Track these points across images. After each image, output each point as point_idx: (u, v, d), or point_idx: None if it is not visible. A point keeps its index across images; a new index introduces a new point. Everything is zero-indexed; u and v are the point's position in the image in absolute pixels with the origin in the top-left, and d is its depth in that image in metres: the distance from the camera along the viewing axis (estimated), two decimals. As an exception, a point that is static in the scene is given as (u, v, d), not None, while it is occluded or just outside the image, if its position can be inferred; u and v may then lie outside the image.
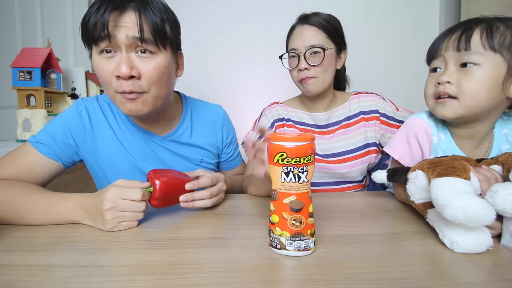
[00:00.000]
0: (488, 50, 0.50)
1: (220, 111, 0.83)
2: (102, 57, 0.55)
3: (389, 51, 1.60)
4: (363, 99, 0.89)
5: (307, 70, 0.78)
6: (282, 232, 0.40)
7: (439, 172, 0.44)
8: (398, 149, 0.63)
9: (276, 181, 0.41)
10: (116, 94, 0.57)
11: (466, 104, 0.52)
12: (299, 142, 0.40)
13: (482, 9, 1.32)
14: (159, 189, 0.52)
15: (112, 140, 0.67)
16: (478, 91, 0.51)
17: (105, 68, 0.55)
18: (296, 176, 0.40)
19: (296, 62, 0.79)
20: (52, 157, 0.62)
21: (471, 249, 0.40)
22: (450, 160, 0.46)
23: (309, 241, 0.40)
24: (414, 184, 0.50)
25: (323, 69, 0.79)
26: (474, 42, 0.50)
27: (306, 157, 0.40)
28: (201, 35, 1.61)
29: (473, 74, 0.51)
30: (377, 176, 0.61)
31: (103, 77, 0.56)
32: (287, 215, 0.40)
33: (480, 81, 0.50)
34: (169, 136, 0.71)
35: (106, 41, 0.53)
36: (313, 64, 0.77)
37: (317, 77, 0.79)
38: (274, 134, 0.41)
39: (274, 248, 0.42)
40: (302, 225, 0.40)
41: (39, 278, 0.36)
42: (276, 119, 0.91)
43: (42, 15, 1.68)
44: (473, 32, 0.51)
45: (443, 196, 0.40)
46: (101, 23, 0.52)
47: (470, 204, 0.38)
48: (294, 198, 0.40)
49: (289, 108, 0.92)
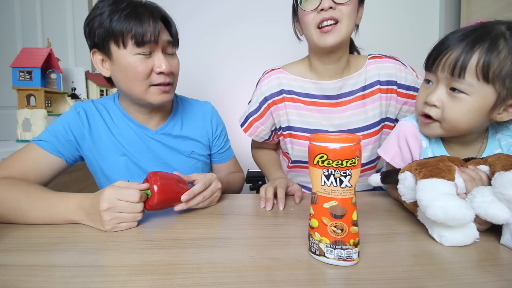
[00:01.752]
0: (481, 81, 0.49)
1: (209, 105, 0.87)
2: (139, 57, 0.62)
3: (389, 51, 1.60)
4: (382, 65, 0.76)
5: (331, 10, 0.64)
6: (322, 238, 0.38)
7: (425, 174, 0.46)
8: (390, 151, 0.65)
9: (316, 184, 0.39)
10: (150, 87, 0.65)
11: (446, 128, 0.55)
12: (342, 143, 0.36)
13: (482, 9, 1.32)
14: (157, 198, 0.52)
15: (108, 137, 0.72)
16: (460, 120, 0.52)
17: (144, 66, 0.63)
18: (338, 180, 0.37)
19: (316, 3, 0.65)
20: (55, 153, 0.65)
21: (458, 241, 0.42)
22: (435, 162, 0.48)
23: (351, 251, 0.37)
24: (403, 185, 0.51)
25: (349, 12, 0.65)
26: (469, 71, 0.49)
27: (350, 160, 0.36)
28: (201, 35, 1.61)
29: (458, 102, 0.51)
30: (373, 179, 0.63)
31: (143, 73, 0.63)
32: (327, 221, 0.38)
33: (464, 112, 0.51)
34: (161, 129, 0.76)
35: (152, 44, 0.62)
36: (340, 2, 0.64)
37: (341, 22, 0.65)
38: (316, 134, 0.38)
39: (313, 254, 0.40)
40: (344, 233, 0.37)
41: (39, 278, 0.36)
42: (269, 95, 0.78)
43: (42, 15, 1.68)
44: (472, 56, 0.48)
45: (426, 197, 0.43)
46: (153, 31, 0.61)
47: (449, 205, 0.40)
48: (335, 204, 0.37)
49: (290, 76, 0.78)
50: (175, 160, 0.77)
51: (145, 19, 0.61)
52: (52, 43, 1.27)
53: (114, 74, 0.66)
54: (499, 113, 0.52)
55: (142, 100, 0.67)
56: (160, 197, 0.52)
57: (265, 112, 0.80)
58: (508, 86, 0.48)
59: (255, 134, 0.84)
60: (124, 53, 0.62)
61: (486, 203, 0.41)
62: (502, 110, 0.51)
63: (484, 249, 0.42)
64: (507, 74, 0.47)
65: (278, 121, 0.80)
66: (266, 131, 0.83)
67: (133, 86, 0.65)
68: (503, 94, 0.49)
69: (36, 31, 1.68)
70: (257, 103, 0.80)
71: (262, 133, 0.84)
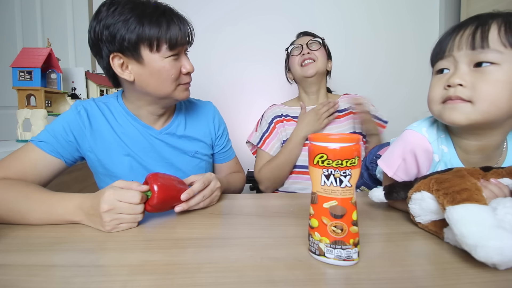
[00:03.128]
0: (508, 47, 0.43)
1: (211, 105, 0.89)
2: (170, 59, 0.65)
3: (389, 51, 1.60)
4: (350, 97, 1.05)
5: (308, 54, 0.97)
6: (322, 238, 0.38)
7: (454, 198, 0.39)
8: (393, 165, 0.57)
9: (316, 184, 0.39)
10: (179, 86, 0.69)
11: (482, 109, 0.44)
12: (342, 143, 0.36)
13: (482, 9, 1.32)
14: (157, 197, 0.52)
15: (111, 135, 0.71)
16: (498, 95, 0.43)
17: (176, 68, 0.66)
18: (338, 180, 0.37)
19: (299, 51, 0.99)
20: (54, 154, 0.64)
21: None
22: (459, 179, 0.42)
23: (351, 251, 0.37)
24: (419, 206, 0.46)
25: (321, 54, 0.98)
26: (492, 39, 0.43)
27: (349, 160, 0.36)
28: (202, 35, 1.61)
29: (491, 75, 0.44)
30: (375, 195, 0.56)
31: (175, 75, 0.66)
32: (327, 221, 0.38)
33: (500, 83, 0.43)
34: (165, 129, 0.76)
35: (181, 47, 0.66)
36: (313, 49, 0.97)
37: (315, 61, 0.96)
38: (316, 134, 0.39)
39: (313, 254, 0.40)
40: (344, 233, 0.37)
41: (39, 278, 0.36)
42: (275, 116, 1.04)
43: (42, 15, 1.68)
44: (490, 27, 0.44)
45: (472, 235, 0.35)
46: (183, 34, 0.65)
47: (507, 245, 0.33)
48: (335, 203, 0.37)
49: (286, 107, 1.06)
50: (179, 160, 0.77)
51: (175, 22, 0.64)
52: (52, 43, 1.26)
53: (142, 77, 0.64)
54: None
55: (168, 98, 0.69)
56: (160, 196, 0.52)
57: (273, 129, 1.03)
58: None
59: (268, 148, 1.02)
60: (156, 56, 0.63)
61: (510, 215, 0.37)
62: None
63: None
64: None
65: (282, 135, 1.02)
66: (277, 144, 1.02)
67: (163, 88, 0.66)
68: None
69: (36, 31, 1.68)
70: (267, 124, 1.04)
71: (275, 147, 1.02)
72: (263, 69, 1.61)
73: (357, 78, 1.62)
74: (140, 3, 0.62)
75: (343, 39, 1.59)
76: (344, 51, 1.60)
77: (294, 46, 1.01)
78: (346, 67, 1.61)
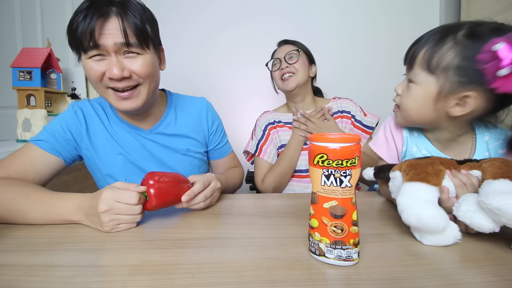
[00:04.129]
0: (424, 70, 0.53)
1: (204, 101, 0.86)
2: (93, 60, 0.59)
3: (390, 51, 1.60)
4: (341, 101, 1.05)
5: (287, 68, 0.97)
6: (322, 238, 0.38)
7: (411, 177, 0.46)
8: (378, 143, 0.69)
9: (316, 184, 0.39)
10: (107, 90, 0.62)
11: (403, 115, 0.59)
12: (342, 143, 0.36)
13: (482, 9, 1.32)
14: (154, 200, 0.51)
15: (105, 136, 0.72)
16: (409, 107, 0.57)
17: (96, 69, 0.59)
18: (338, 180, 0.37)
19: (278, 66, 1.00)
20: (53, 152, 0.65)
21: (438, 241, 0.43)
22: (425, 164, 0.48)
23: (351, 251, 0.37)
24: (393, 183, 0.52)
25: (300, 66, 0.97)
26: (417, 62, 0.54)
27: (350, 160, 0.36)
28: (201, 36, 1.61)
29: (410, 91, 0.56)
30: (366, 173, 0.64)
31: (93, 77, 0.61)
32: (327, 221, 0.38)
33: (412, 100, 0.56)
34: (154, 129, 0.75)
35: (94, 50, 0.58)
36: (291, 62, 0.97)
37: (295, 74, 0.96)
38: (316, 134, 0.39)
39: (313, 254, 0.40)
40: (344, 233, 0.37)
41: (39, 278, 0.36)
42: (268, 123, 1.05)
43: (42, 15, 1.68)
44: (421, 50, 0.53)
45: (403, 202, 0.44)
46: (88, 33, 0.56)
47: (423, 213, 0.41)
48: (335, 203, 0.37)
49: (278, 113, 1.08)
50: (171, 159, 0.77)
51: (88, 18, 0.56)
52: (52, 43, 1.27)
53: None
54: (451, 107, 0.52)
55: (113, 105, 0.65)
56: (158, 201, 0.52)
57: (268, 136, 1.03)
58: (451, 79, 0.50)
59: (266, 155, 1.01)
60: (82, 56, 0.61)
61: (471, 212, 0.41)
62: (455, 104, 0.52)
63: (484, 249, 0.42)
64: (448, 66, 0.50)
65: (277, 141, 1.03)
66: (273, 151, 1.02)
67: (95, 88, 0.64)
68: (445, 87, 0.51)
69: (36, 31, 1.68)
70: (261, 131, 1.04)
71: (272, 153, 1.02)
72: (263, 70, 1.61)
73: (357, 78, 1.62)
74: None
75: (343, 39, 1.59)
76: (344, 51, 1.60)
77: (273, 61, 1.02)
78: (346, 67, 1.61)
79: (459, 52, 0.49)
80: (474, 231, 0.44)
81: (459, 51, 0.49)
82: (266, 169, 0.99)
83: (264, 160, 1.00)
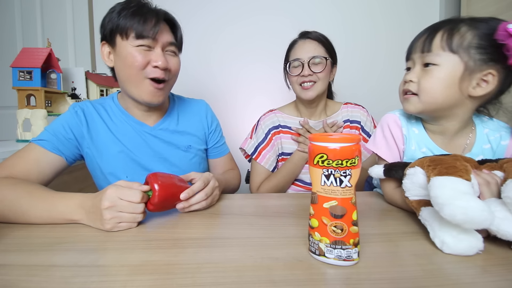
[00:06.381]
0: (446, 51, 0.54)
1: (203, 102, 0.91)
2: (140, 49, 0.67)
3: (389, 51, 1.60)
4: (352, 109, 0.99)
5: (310, 76, 0.88)
6: (322, 238, 0.38)
7: (440, 171, 0.43)
8: (377, 143, 0.67)
9: (316, 184, 0.39)
10: (145, 80, 0.69)
11: (423, 100, 0.57)
12: (342, 143, 0.36)
13: (482, 9, 1.32)
14: (158, 195, 0.52)
15: (106, 134, 0.74)
16: (433, 88, 0.55)
17: (143, 57, 0.67)
18: (338, 180, 0.37)
19: (299, 70, 0.89)
20: (56, 151, 0.66)
21: (461, 251, 0.40)
22: (452, 160, 0.45)
23: (351, 251, 0.37)
24: (411, 180, 0.50)
25: (323, 76, 0.88)
26: (435, 44, 0.55)
27: (350, 159, 0.36)
28: (202, 35, 1.61)
29: (431, 73, 0.55)
30: (374, 170, 0.62)
31: (139, 63, 0.67)
32: (327, 221, 0.38)
33: (436, 79, 0.55)
34: (158, 125, 0.79)
35: (149, 40, 0.67)
36: (316, 71, 0.87)
37: (317, 83, 0.88)
38: (316, 134, 0.39)
39: (313, 254, 0.40)
40: (344, 233, 0.37)
41: (39, 278, 0.36)
42: (272, 127, 0.98)
43: (42, 15, 1.68)
44: (436, 35, 0.55)
45: (444, 195, 0.40)
46: (153, 25, 0.66)
47: (471, 206, 0.37)
48: (335, 203, 0.37)
49: (284, 115, 1.00)
50: (173, 155, 0.79)
51: (149, 17, 0.67)
52: (52, 43, 1.26)
53: (117, 64, 0.70)
54: (473, 87, 0.54)
55: (138, 98, 0.71)
56: (161, 194, 0.52)
57: (270, 141, 0.98)
58: (473, 57, 0.52)
59: (264, 161, 0.97)
60: (125, 43, 0.67)
61: (499, 219, 0.40)
62: (476, 84, 0.54)
63: (484, 249, 0.42)
64: (470, 45, 0.52)
65: (278, 148, 0.98)
66: (273, 157, 0.98)
67: (129, 76, 0.69)
68: (470, 64, 0.53)
69: (36, 31, 1.68)
70: (263, 134, 0.98)
71: (270, 160, 0.97)
72: (264, 69, 1.61)
73: (357, 78, 1.62)
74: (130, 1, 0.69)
75: (343, 39, 1.59)
76: (344, 51, 1.59)
77: (295, 62, 0.90)
78: (346, 67, 1.60)
79: (477, 33, 0.52)
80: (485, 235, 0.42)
81: (476, 32, 0.52)
82: (263, 177, 0.96)
83: (261, 166, 0.97)
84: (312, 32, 0.92)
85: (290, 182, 0.95)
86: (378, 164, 0.63)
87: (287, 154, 0.98)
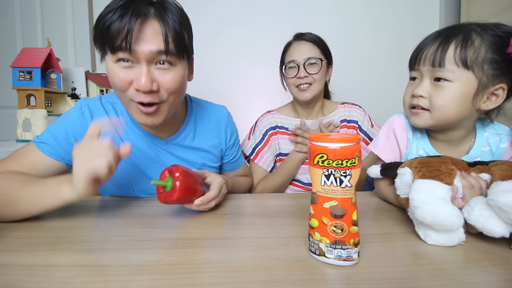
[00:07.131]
0: (460, 67, 0.52)
1: (224, 112, 0.83)
2: (120, 65, 0.54)
3: (389, 51, 1.60)
4: (348, 109, 0.99)
5: (306, 78, 0.89)
6: (322, 238, 0.38)
7: (423, 174, 0.46)
8: (378, 144, 0.68)
9: (316, 184, 0.39)
10: (131, 102, 0.57)
11: (436, 117, 0.56)
12: (342, 143, 0.36)
13: (482, 9, 1.32)
14: (177, 194, 0.52)
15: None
16: (448, 106, 0.54)
17: (122, 77, 0.54)
18: (338, 180, 0.37)
19: (295, 72, 0.90)
20: (54, 156, 0.63)
21: (442, 242, 0.43)
22: (438, 163, 0.48)
23: (351, 251, 0.37)
24: (401, 179, 0.52)
25: (319, 78, 0.90)
26: (448, 59, 0.52)
27: (350, 159, 0.36)
28: (202, 35, 1.61)
29: (444, 90, 0.54)
30: (372, 170, 0.63)
31: (118, 85, 0.55)
32: (327, 221, 0.38)
33: (450, 98, 0.53)
34: (172, 140, 0.72)
35: (126, 53, 0.52)
36: (312, 72, 0.88)
37: (313, 84, 0.89)
38: (316, 134, 0.38)
39: (313, 254, 0.40)
40: (344, 233, 0.37)
41: (39, 278, 0.36)
42: (269, 128, 0.99)
43: (42, 15, 1.68)
44: (449, 47, 0.53)
45: (418, 198, 0.43)
46: (124, 34, 0.50)
47: (439, 210, 0.41)
48: (335, 203, 0.37)
49: (281, 116, 1.01)
50: None
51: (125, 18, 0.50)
52: (52, 43, 1.27)
53: None
54: (484, 102, 0.54)
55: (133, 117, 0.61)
56: (181, 195, 0.52)
57: (267, 141, 0.98)
58: (487, 72, 0.51)
59: (262, 162, 0.97)
60: (108, 57, 0.55)
61: (484, 217, 0.41)
62: (486, 98, 0.54)
63: (484, 249, 0.42)
64: (484, 60, 0.51)
65: (275, 148, 0.99)
66: (270, 158, 0.98)
67: (119, 98, 0.60)
68: (483, 80, 0.52)
69: (36, 31, 1.68)
70: (261, 135, 0.99)
71: (268, 160, 0.98)
72: (263, 69, 1.61)
73: (357, 78, 1.62)
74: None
75: (343, 39, 1.59)
76: (344, 51, 1.60)
77: (290, 63, 0.91)
78: (346, 67, 1.61)
79: (490, 47, 0.51)
80: (476, 231, 0.44)
81: (489, 46, 0.51)
82: (261, 177, 0.97)
83: (259, 167, 0.97)
84: (307, 34, 0.93)
85: (288, 182, 0.95)
86: (376, 165, 0.64)
87: (285, 155, 0.98)
